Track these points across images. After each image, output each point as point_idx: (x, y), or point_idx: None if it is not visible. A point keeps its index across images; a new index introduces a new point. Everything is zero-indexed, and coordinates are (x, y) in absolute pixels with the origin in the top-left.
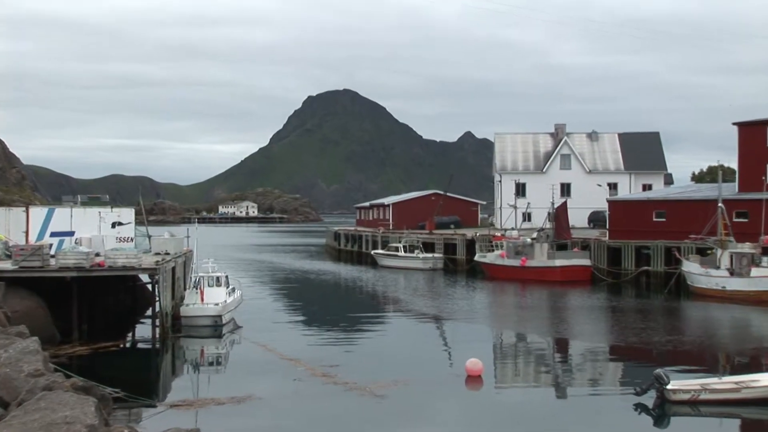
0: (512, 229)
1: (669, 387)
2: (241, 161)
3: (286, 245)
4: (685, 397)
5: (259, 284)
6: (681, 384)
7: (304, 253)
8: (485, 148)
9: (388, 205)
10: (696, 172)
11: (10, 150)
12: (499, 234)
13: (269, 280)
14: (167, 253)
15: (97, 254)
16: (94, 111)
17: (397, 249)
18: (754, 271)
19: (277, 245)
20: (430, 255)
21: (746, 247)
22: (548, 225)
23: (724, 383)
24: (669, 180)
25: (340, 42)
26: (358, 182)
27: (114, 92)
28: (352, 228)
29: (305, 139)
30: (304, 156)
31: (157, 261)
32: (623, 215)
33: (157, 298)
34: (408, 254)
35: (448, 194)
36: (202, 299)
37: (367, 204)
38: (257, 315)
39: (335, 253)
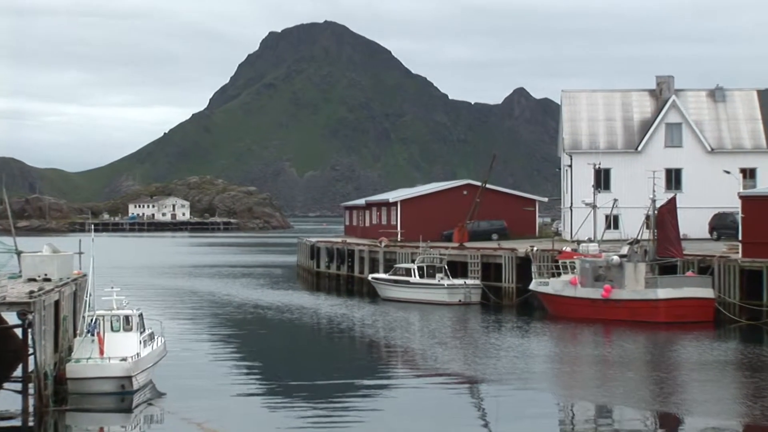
0: (589, 240)
1: None
2: (164, 135)
3: (236, 266)
4: None
5: (191, 328)
6: None
7: (264, 279)
8: (546, 113)
9: (395, 204)
10: None
11: None
12: (568, 249)
13: (208, 322)
14: (47, 279)
15: None
16: None
17: (408, 272)
18: None
19: (222, 266)
20: (460, 282)
21: None
22: (647, 235)
23: None
24: None
25: None
26: (347, 167)
27: None
28: (339, 239)
29: (265, 100)
30: (263, 127)
31: (31, 292)
32: (765, 220)
33: (31, 350)
34: (426, 280)
35: (487, 186)
36: (102, 352)
37: (361, 202)
38: (188, 376)
39: (311, 279)
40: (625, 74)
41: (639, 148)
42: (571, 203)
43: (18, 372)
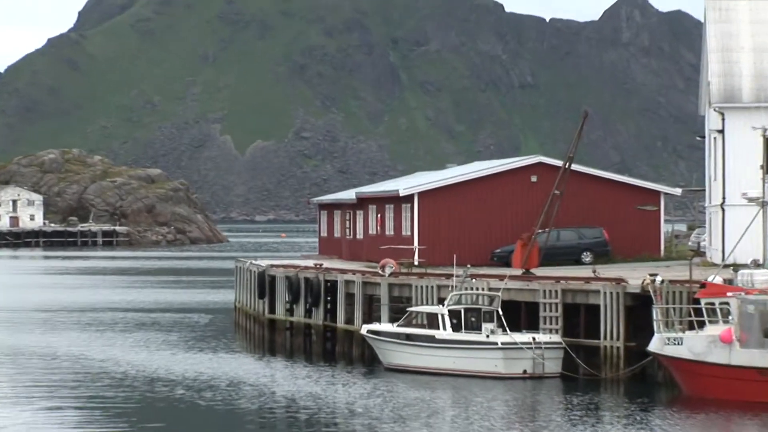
0: (756, 265)
1: None
2: None
3: (123, 310)
4: None
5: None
6: None
7: (174, 334)
8: (677, 38)
9: (410, 200)
10: None
11: None
12: (718, 280)
13: (78, 412)
14: None
15: None
16: None
17: (433, 321)
18: None
19: (97, 310)
20: (525, 338)
21: None
22: None
23: None
24: None
25: None
26: (323, 134)
27: None
28: (309, 262)
29: (177, 15)
30: (172, 63)
31: None
32: None
33: None
34: (465, 336)
35: (574, 169)
36: None
37: (349, 196)
38: None
39: (260, 332)
40: None
41: None
42: (724, 198)
43: None
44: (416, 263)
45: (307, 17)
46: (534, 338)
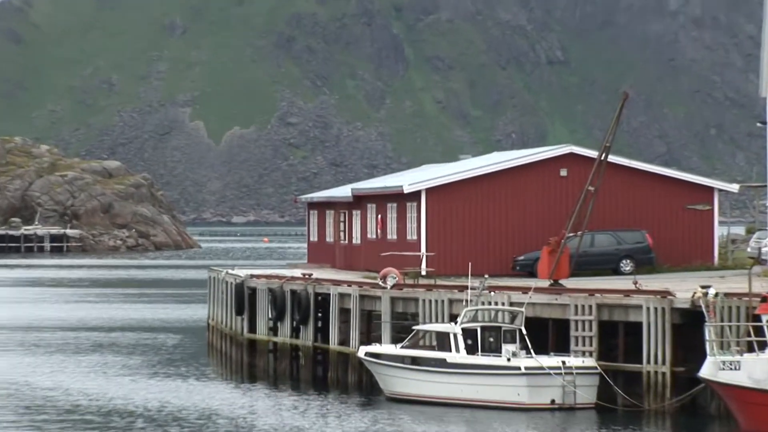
0: None
1: None
2: None
3: (74, 329)
4: None
5: None
6: None
7: (137, 357)
8: (734, 7)
9: (416, 197)
10: None
11: None
12: None
13: None
14: None
15: None
16: None
17: (444, 341)
18: None
19: (44, 329)
20: (552, 361)
21: None
22: None
23: None
24: None
25: None
26: (313, 119)
27: None
28: (296, 272)
29: None
30: (133, 34)
31: None
32: None
33: None
34: (482, 359)
35: (611, 161)
36: None
37: (343, 193)
38: None
39: (238, 355)
40: None
41: None
42: None
43: None
44: (424, 273)
45: None
46: (564, 362)
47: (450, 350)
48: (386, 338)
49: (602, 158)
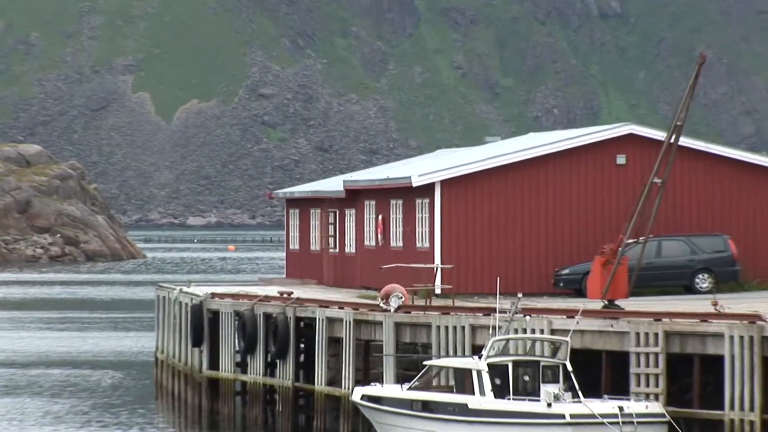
0: None
1: None
2: None
3: None
4: None
5: None
6: None
7: (69, 399)
8: None
9: (429, 191)
10: None
11: None
12: None
13: None
14: None
15: None
16: None
17: (465, 381)
18: None
19: None
20: (607, 407)
21: None
22: None
23: None
24: None
25: None
26: (294, 89)
27: None
28: (270, 289)
29: None
30: None
31: None
32: None
33: None
34: (516, 404)
35: (678, 142)
36: None
37: (333, 187)
38: None
39: (196, 400)
40: None
41: None
42: None
43: None
44: (438, 291)
45: None
46: (621, 408)
47: (473, 392)
48: (389, 377)
49: (672, 141)
